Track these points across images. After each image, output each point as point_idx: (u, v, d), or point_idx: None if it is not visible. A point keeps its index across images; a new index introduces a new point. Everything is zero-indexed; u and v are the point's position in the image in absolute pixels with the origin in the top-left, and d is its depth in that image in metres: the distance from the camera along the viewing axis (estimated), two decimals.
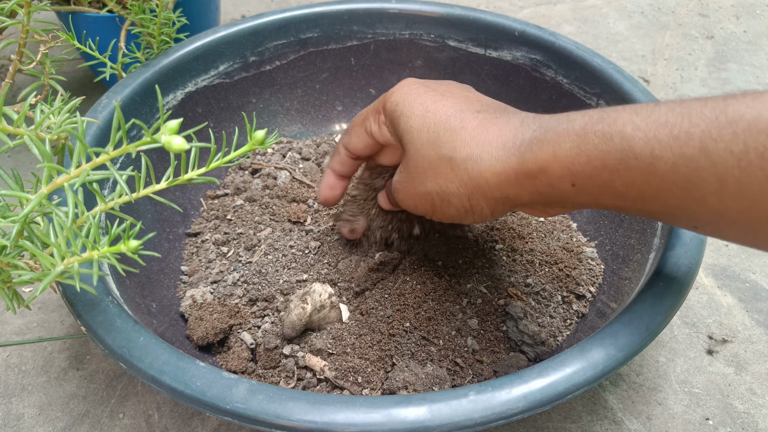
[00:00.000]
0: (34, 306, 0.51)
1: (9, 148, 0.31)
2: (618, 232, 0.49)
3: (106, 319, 0.33)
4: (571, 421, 0.43)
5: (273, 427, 0.29)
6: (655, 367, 0.47)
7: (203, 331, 0.41)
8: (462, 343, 0.42)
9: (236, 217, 0.52)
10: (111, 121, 0.46)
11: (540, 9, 0.95)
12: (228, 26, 0.57)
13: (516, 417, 0.29)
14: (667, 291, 0.35)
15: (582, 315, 0.45)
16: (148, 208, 0.50)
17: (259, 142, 0.32)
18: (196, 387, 0.30)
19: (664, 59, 0.83)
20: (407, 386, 0.38)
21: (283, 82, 0.62)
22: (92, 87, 0.73)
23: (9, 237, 0.29)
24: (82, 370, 0.46)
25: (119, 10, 0.58)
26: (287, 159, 0.59)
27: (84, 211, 0.32)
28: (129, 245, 0.28)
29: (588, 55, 0.53)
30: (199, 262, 0.49)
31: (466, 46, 0.60)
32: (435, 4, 0.61)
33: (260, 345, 0.42)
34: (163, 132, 0.27)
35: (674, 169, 0.26)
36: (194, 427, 0.42)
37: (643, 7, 0.95)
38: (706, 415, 0.44)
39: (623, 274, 0.45)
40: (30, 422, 0.43)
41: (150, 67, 0.52)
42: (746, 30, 0.89)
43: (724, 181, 0.25)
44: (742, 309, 0.52)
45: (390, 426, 0.29)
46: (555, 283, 0.47)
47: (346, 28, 0.61)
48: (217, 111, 0.58)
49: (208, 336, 0.41)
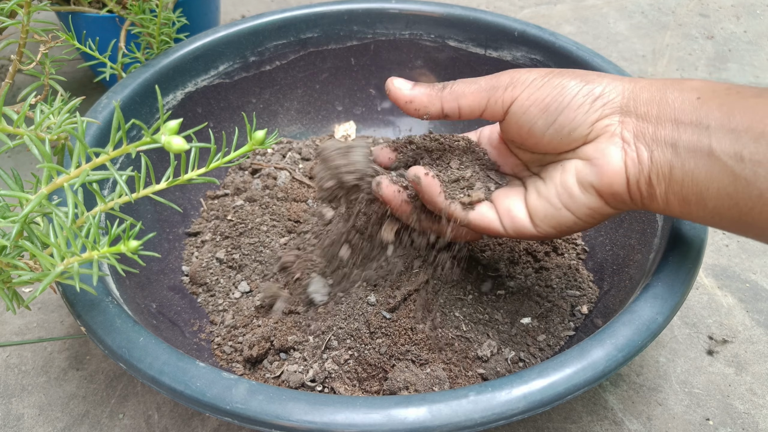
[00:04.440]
0: (34, 306, 0.51)
1: (9, 148, 0.31)
2: (618, 233, 0.49)
3: (106, 319, 0.33)
4: (571, 422, 0.43)
5: (273, 427, 0.29)
6: (656, 368, 0.47)
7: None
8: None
9: (237, 217, 0.52)
10: (111, 121, 0.46)
11: (540, 9, 0.95)
12: (228, 26, 0.57)
13: (516, 417, 0.29)
14: (668, 291, 0.35)
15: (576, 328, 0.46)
16: (148, 208, 0.50)
17: (259, 143, 0.32)
18: (196, 387, 0.30)
19: (664, 59, 0.83)
20: (408, 386, 0.38)
21: (283, 82, 0.62)
22: (92, 87, 0.73)
23: (9, 237, 0.29)
24: (82, 371, 0.46)
25: (119, 10, 0.58)
26: (287, 159, 0.59)
27: (84, 211, 0.32)
28: (129, 245, 0.28)
29: (588, 55, 0.53)
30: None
31: (466, 46, 0.60)
32: (435, 4, 0.61)
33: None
34: (163, 132, 0.27)
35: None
36: (194, 427, 0.42)
37: (644, 7, 0.95)
38: (706, 415, 0.44)
39: (623, 275, 0.45)
40: (30, 422, 0.43)
41: (150, 67, 0.52)
42: (746, 30, 0.89)
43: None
44: (743, 309, 0.51)
45: (390, 426, 0.28)
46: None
47: (346, 28, 0.61)
48: (217, 111, 0.58)
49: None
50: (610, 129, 0.33)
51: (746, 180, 0.28)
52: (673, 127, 0.31)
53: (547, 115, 0.34)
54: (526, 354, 0.43)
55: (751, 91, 0.30)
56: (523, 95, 0.35)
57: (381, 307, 0.42)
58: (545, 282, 0.48)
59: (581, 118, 0.33)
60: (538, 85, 0.34)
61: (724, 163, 0.29)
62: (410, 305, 0.42)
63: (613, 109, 0.33)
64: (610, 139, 0.33)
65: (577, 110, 0.33)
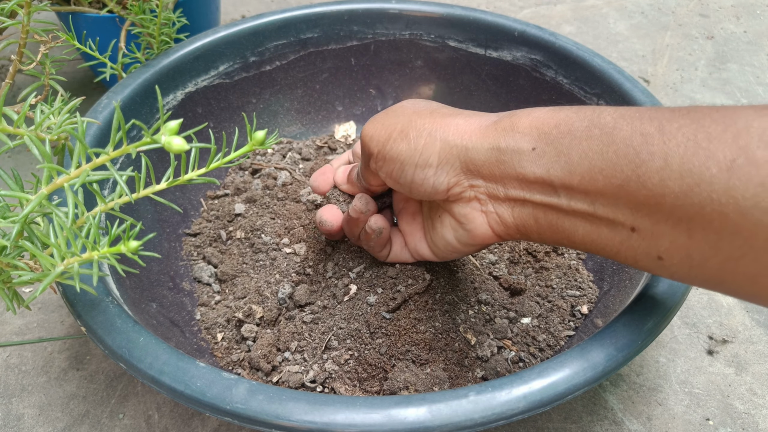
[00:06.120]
0: (34, 306, 0.51)
1: (9, 148, 0.31)
2: None
3: (106, 319, 0.33)
4: (571, 422, 0.43)
5: (273, 427, 0.29)
6: (656, 368, 0.47)
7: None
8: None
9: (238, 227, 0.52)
10: (111, 121, 0.46)
11: (540, 9, 0.95)
12: (228, 26, 0.57)
13: (516, 417, 0.29)
14: (668, 291, 0.35)
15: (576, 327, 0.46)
16: (148, 209, 0.50)
17: (259, 143, 0.32)
18: (196, 387, 0.30)
19: (664, 59, 0.83)
20: (408, 386, 0.38)
21: (284, 82, 0.62)
22: (92, 87, 0.74)
23: (9, 237, 0.29)
24: (82, 371, 0.46)
25: (119, 11, 0.58)
26: (287, 159, 0.59)
27: (84, 211, 0.32)
28: (129, 246, 0.28)
29: (588, 55, 0.53)
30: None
31: (467, 46, 0.60)
32: (435, 4, 0.61)
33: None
34: (163, 132, 0.27)
35: (629, 139, 0.26)
36: (194, 427, 0.42)
37: (644, 8, 0.95)
38: (706, 415, 0.44)
39: (623, 276, 0.45)
40: (30, 422, 0.43)
41: (150, 67, 0.52)
42: (746, 30, 0.89)
43: (669, 160, 0.25)
44: (743, 309, 0.51)
45: (390, 426, 0.29)
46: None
47: (347, 28, 0.61)
48: (217, 111, 0.58)
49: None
50: (464, 195, 0.34)
51: (606, 229, 0.29)
52: (521, 185, 0.31)
53: (405, 188, 0.36)
54: (526, 354, 0.43)
55: (580, 125, 0.29)
56: (381, 175, 0.37)
57: (381, 308, 0.42)
58: (545, 282, 0.48)
59: (430, 190, 0.34)
60: (387, 170, 0.36)
61: (583, 219, 0.30)
62: (410, 305, 0.42)
63: (457, 176, 0.33)
64: (468, 204, 0.34)
65: (422, 186, 0.34)
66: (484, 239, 0.35)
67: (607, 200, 0.28)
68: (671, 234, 0.26)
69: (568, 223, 0.30)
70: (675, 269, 0.27)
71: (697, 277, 0.27)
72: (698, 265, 0.26)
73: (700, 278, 0.27)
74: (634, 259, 0.29)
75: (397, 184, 0.36)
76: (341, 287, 0.44)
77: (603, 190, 0.28)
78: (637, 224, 0.27)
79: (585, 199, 0.29)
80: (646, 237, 0.27)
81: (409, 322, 0.41)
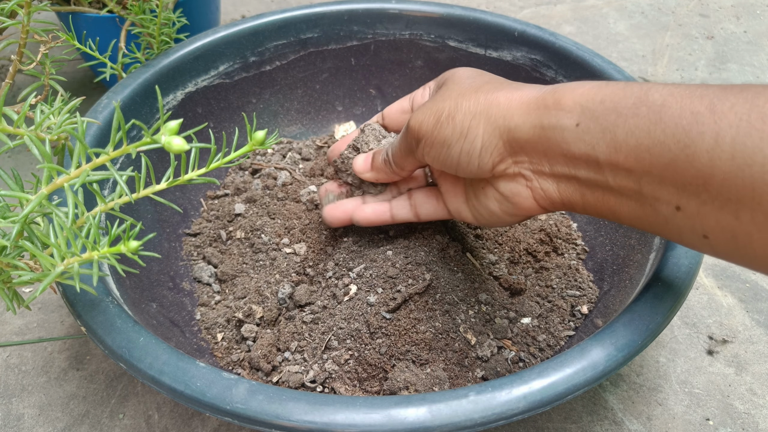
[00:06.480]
0: (34, 306, 0.51)
1: (9, 148, 0.31)
2: (618, 233, 0.49)
3: (106, 319, 0.33)
4: (571, 422, 0.43)
5: (273, 427, 0.29)
6: (656, 368, 0.47)
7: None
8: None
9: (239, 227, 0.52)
10: (111, 121, 0.46)
11: (540, 9, 0.95)
12: (228, 26, 0.57)
13: (516, 417, 0.29)
14: (668, 291, 0.35)
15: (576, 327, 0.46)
16: (148, 209, 0.50)
17: (259, 143, 0.32)
18: (196, 387, 0.30)
19: (664, 59, 0.83)
20: (408, 386, 0.38)
21: (283, 82, 0.62)
22: (92, 87, 0.74)
23: (9, 237, 0.29)
24: (82, 371, 0.46)
25: (119, 11, 0.58)
26: (287, 159, 0.59)
27: (84, 211, 0.32)
28: (129, 246, 0.28)
29: (588, 55, 0.53)
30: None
31: (467, 46, 0.60)
32: (435, 4, 0.61)
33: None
34: (163, 132, 0.27)
35: (678, 116, 0.26)
36: (194, 427, 0.42)
37: (643, 8, 0.95)
38: (706, 415, 0.44)
39: (622, 276, 0.45)
40: (30, 422, 0.43)
41: (150, 67, 0.52)
42: (746, 30, 0.89)
43: (719, 140, 0.25)
44: (743, 309, 0.51)
45: (390, 426, 0.29)
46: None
47: (347, 28, 0.61)
48: (217, 111, 0.58)
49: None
50: (509, 171, 0.34)
51: (651, 207, 0.29)
52: (566, 162, 0.31)
53: (451, 169, 0.36)
54: (526, 354, 0.43)
55: (626, 102, 0.29)
56: (427, 159, 0.37)
57: (381, 308, 0.42)
58: (545, 282, 0.48)
59: (476, 170, 0.35)
60: (434, 155, 0.36)
61: (628, 196, 0.29)
62: (410, 305, 0.42)
63: (501, 155, 0.33)
64: (513, 180, 0.34)
65: (468, 166, 0.35)
66: (529, 211, 0.35)
67: (653, 178, 0.28)
68: (717, 214, 0.26)
69: (614, 200, 0.30)
70: (720, 248, 0.27)
71: (742, 257, 0.27)
72: (744, 246, 0.26)
73: (745, 258, 0.27)
74: (679, 237, 0.29)
75: (444, 166, 0.36)
76: (341, 287, 0.44)
77: (649, 169, 0.27)
78: (682, 203, 0.27)
79: (630, 177, 0.29)
80: (692, 216, 0.27)
81: (409, 322, 0.41)
